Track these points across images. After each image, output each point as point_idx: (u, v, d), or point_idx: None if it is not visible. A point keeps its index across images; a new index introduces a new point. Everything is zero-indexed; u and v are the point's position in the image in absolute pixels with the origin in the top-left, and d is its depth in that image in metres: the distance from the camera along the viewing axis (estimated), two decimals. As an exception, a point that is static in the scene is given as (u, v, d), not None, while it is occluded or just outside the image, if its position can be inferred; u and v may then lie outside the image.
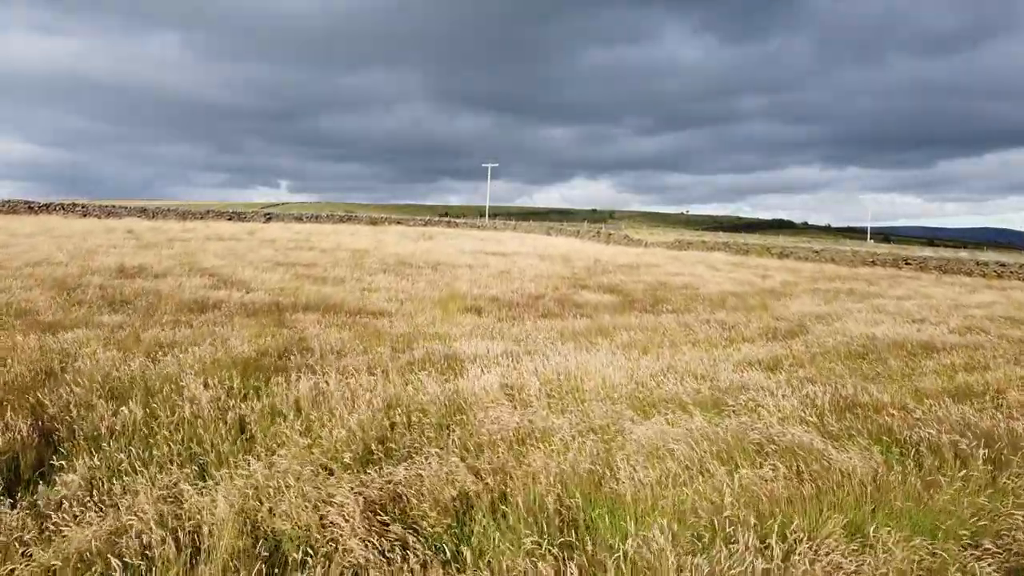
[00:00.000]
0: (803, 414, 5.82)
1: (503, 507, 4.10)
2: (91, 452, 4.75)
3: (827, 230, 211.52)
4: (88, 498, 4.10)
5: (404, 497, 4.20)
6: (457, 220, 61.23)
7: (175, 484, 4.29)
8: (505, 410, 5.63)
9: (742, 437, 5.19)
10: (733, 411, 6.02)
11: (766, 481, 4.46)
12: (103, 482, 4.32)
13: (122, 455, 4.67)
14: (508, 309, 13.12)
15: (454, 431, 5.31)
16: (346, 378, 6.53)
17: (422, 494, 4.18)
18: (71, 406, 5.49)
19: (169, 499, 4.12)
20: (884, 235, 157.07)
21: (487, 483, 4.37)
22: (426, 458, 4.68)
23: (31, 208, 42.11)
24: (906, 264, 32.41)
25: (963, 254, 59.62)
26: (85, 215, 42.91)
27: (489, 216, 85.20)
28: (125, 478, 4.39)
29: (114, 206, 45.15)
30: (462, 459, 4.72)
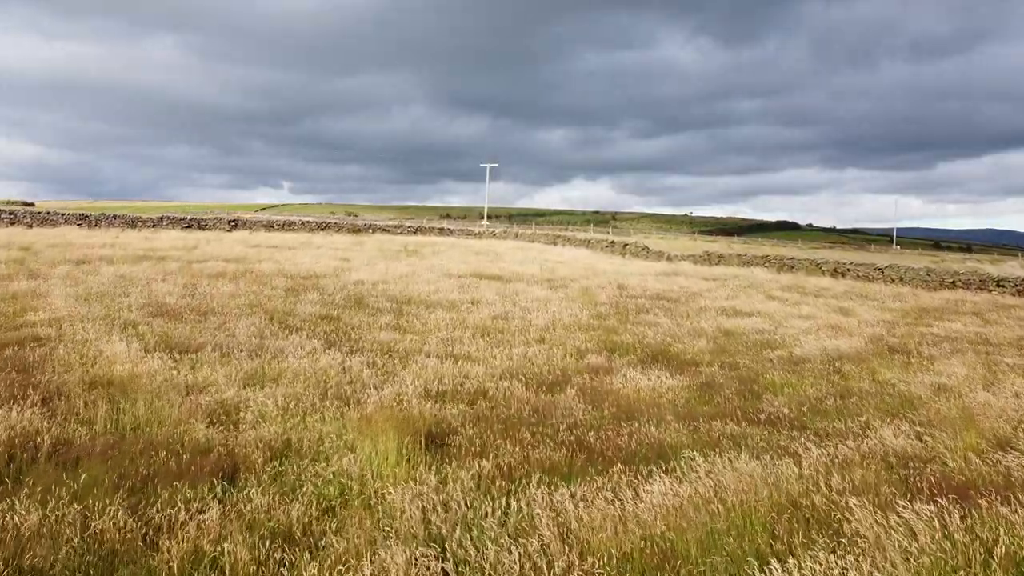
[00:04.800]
0: None
1: None
2: None
3: (832, 231, 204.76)
4: None
5: None
6: (451, 227, 55.10)
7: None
8: None
9: None
10: None
11: None
12: None
13: None
14: (501, 431, 6.96)
15: None
16: None
17: None
18: None
19: None
20: (888, 237, 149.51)
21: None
22: None
23: (-55, 216, 36.02)
24: (998, 286, 26.18)
25: (1013, 263, 53.50)
26: (12, 223, 36.83)
27: (489, 218, 79.10)
28: None
29: (49, 212, 39.00)
30: None
